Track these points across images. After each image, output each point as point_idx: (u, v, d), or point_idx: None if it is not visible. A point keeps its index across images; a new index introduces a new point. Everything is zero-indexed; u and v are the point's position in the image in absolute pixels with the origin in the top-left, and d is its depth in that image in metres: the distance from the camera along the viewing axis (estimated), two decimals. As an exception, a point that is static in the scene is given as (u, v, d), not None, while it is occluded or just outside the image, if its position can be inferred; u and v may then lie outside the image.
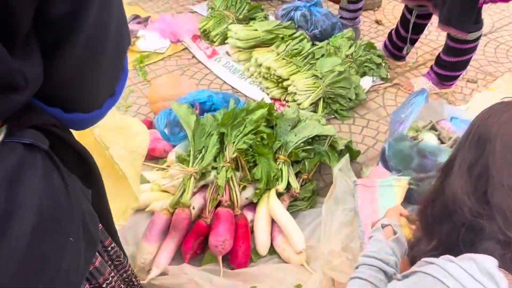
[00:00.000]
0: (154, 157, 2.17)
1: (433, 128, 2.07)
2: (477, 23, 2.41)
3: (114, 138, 1.28)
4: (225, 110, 2.10)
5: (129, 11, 3.70)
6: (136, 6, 3.86)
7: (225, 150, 1.92)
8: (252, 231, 1.86)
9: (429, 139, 1.96)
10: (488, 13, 3.62)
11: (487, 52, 3.14)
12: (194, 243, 1.76)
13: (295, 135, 2.01)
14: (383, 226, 1.28)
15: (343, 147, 2.12)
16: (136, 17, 3.46)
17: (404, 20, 2.82)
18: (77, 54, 0.70)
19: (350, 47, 2.82)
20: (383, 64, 2.84)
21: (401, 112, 2.06)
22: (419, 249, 1.02)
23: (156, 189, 2.00)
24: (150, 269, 1.69)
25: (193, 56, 3.10)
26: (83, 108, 0.80)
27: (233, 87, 2.81)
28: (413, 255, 1.06)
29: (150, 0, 3.98)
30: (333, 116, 2.55)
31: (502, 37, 3.36)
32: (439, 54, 2.66)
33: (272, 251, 1.83)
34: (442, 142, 2.00)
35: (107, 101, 0.83)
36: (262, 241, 1.80)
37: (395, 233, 1.24)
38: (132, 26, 3.26)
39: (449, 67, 2.61)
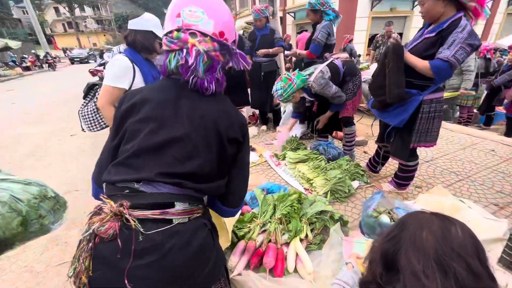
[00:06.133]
0: (242, 213, 2.61)
1: (388, 212, 2.35)
2: (413, 156, 2.58)
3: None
4: (278, 193, 2.56)
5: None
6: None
7: (275, 213, 2.30)
8: (286, 258, 2.01)
9: (385, 218, 2.22)
10: (427, 150, 4.04)
11: (429, 171, 3.46)
12: (256, 259, 2.00)
13: (311, 209, 2.35)
14: (347, 263, 1.51)
15: (338, 218, 2.38)
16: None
17: (377, 152, 3.22)
18: (235, 172, 1.05)
19: (347, 165, 3.33)
20: (365, 174, 3.25)
21: (368, 202, 2.37)
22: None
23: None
24: (232, 271, 1.91)
25: (269, 165, 3.86)
26: (232, 204, 1.12)
27: (286, 181, 3.42)
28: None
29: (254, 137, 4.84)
30: (336, 200, 2.89)
31: (437, 163, 3.70)
32: (396, 171, 2.95)
33: (295, 270, 2.07)
34: (392, 220, 2.26)
35: (241, 205, 1.11)
36: (290, 265, 2.00)
37: (353, 267, 1.45)
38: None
39: (401, 179, 2.88)
